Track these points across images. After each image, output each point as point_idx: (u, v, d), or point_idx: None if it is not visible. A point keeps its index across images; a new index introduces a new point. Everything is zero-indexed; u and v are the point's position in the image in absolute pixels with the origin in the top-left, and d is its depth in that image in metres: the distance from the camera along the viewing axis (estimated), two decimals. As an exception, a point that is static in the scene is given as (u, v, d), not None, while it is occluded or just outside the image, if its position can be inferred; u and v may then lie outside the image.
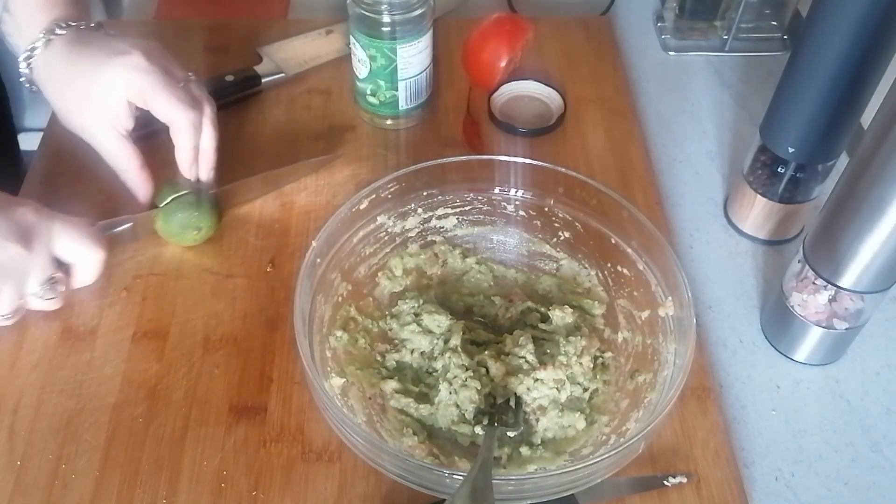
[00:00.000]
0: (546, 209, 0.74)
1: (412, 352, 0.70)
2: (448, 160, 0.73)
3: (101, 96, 0.72)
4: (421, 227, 0.76)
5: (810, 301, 0.70)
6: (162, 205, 0.76)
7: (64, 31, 0.72)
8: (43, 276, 0.68)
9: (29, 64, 0.73)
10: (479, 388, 0.66)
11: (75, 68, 0.72)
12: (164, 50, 0.75)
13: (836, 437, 0.69)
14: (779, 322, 0.74)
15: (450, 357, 0.67)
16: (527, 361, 0.67)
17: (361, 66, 0.85)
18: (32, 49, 0.72)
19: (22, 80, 0.74)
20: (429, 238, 0.76)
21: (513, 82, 0.93)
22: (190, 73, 0.76)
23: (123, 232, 0.76)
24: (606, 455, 0.57)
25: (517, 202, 0.75)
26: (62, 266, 0.71)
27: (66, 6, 0.74)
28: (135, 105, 0.73)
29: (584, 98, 0.94)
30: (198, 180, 0.77)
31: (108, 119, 0.73)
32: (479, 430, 0.64)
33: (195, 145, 0.75)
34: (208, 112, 0.76)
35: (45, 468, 0.64)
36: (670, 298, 0.66)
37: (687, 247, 0.83)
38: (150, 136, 0.77)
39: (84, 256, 0.71)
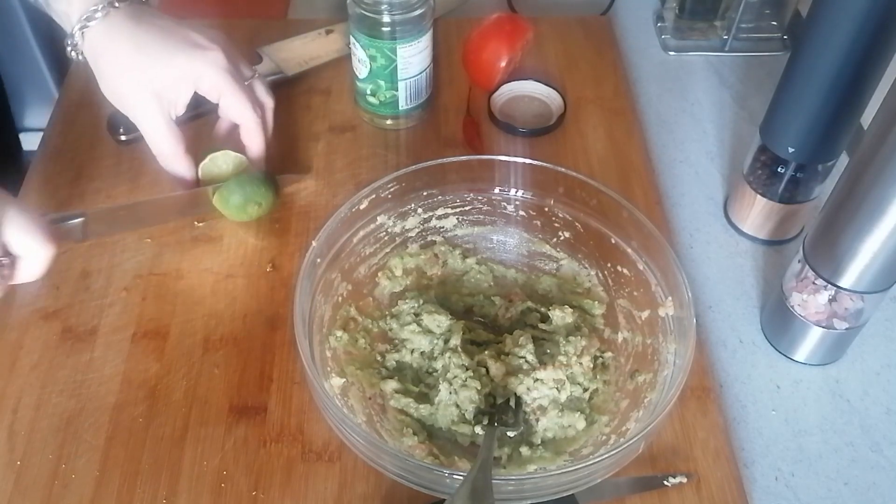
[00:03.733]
0: (546, 209, 0.74)
1: (412, 352, 0.70)
2: (448, 160, 0.73)
3: (170, 82, 0.73)
4: (421, 227, 0.76)
5: (810, 301, 0.70)
6: (209, 182, 0.78)
7: (122, 4, 0.72)
8: None
9: (83, 33, 0.72)
10: (479, 388, 0.66)
11: (143, 47, 0.72)
12: (231, 45, 0.77)
13: (836, 437, 0.69)
14: (779, 322, 0.74)
15: (450, 357, 0.67)
16: (527, 361, 0.67)
17: (361, 66, 0.85)
18: (89, 19, 0.71)
19: (68, 48, 0.73)
20: (429, 238, 0.76)
21: (513, 82, 0.93)
22: (255, 70, 0.80)
23: (74, 227, 0.73)
24: (606, 455, 0.57)
25: (517, 202, 0.75)
26: (8, 256, 0.65)
27: None
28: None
29: (584, 98, 0.94)
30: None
31: (167, 104, 0.73)
32: (479, 430, 0.64)
33: (263, 141, 0.79)
34: (269, 107, 0.81)
35: (45, 468, 0.64)
36: (670, 298, 0.66)
37: (687, 247, 0.83)
38: (195, 118, 0.80)
39: (33, 249, 0.65)
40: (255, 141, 0.79)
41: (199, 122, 0.81)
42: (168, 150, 0.76)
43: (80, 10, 0.71)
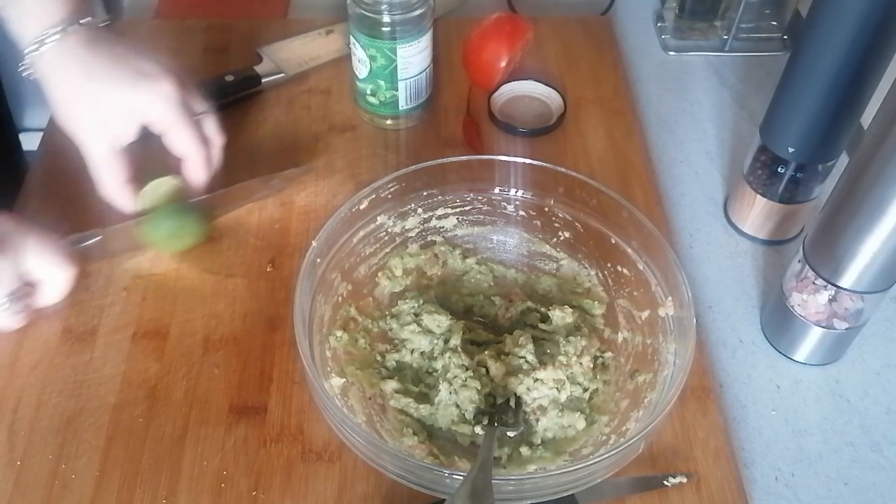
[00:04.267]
0: (546, 209, 0.74)
1: (412, 352, 0.70)
2: (448, 160, 0.73)
3: (117, 112, 0.71)
4: (421, 227, 0.76)
5: (810, 301, 0.70)
6: (149, 211, 0.75)
7: (74, 28, 0.71)
8: (8, 287, 0.67)
9: (36, 55, 0.71)
10: (479, 388, 0.66)
11: (93, 75, 0.71)
12: (186, 77, 0.75)
13: (836, 437, 0.69)
14: (779, 322, 0.74)
15: (450, 357, 0.67)
16: (527, 361, 0.67)
17: (361, 66, 0.85)
18: (42, 41, 0.70)
19: (22, 68, 0.72)
20: (429, 238, 0.76)
21: (513, 82, 0.93)
22: (207, 105, 0.77)
23: (94, 245, 0.75)
24: (606, 455, 0.57)
25: (517, 202, 0.75)
26: (30, 282, 0.69)
27: (78, 1, 0.73)
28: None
29: (584, 98, 0.94)
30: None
31: (113, 133, 0.72)
32: (479, 430, 0.64)
33: (205, 177, 0.77)
34: (218, 145, 0.78)
35: (45, 468, 0.64)
36: (670, 298, 0.66)
37: (687, 247, 0.83)
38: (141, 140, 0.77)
39: (53, 274, 0.70)
40: (196, 177, 0.76)
41: (143, 141, 0.77)
42: (107, 180, 0.74)
43: (34, 33, 0.70)
